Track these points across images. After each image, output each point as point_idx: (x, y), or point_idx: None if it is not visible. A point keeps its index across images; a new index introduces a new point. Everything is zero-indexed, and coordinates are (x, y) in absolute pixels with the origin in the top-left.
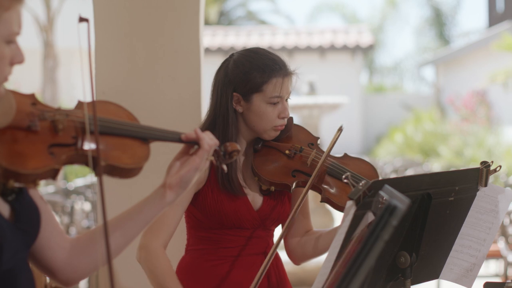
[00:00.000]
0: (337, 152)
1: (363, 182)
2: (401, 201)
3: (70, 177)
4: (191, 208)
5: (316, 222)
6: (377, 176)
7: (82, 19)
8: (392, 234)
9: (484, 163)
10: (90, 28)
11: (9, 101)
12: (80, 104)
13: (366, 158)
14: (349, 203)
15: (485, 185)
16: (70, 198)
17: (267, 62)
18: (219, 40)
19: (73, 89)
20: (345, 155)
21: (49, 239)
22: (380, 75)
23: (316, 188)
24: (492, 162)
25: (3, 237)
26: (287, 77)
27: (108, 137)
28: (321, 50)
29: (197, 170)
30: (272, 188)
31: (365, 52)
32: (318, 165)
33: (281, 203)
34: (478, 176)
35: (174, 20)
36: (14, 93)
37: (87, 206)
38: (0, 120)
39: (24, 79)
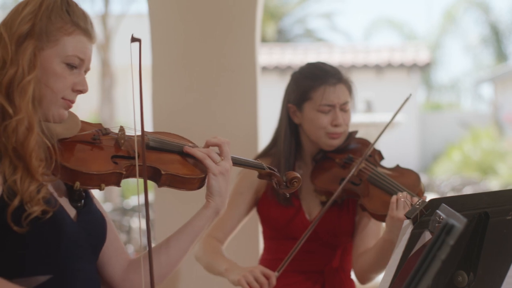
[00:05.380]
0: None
1: (419, 200)
2: (459, 220)
3: (127, 194)
4: (259, 216)
5: None
6: (419, 185)
7: (134, 39)
8: (448, 254)
9: None
10: (145, 48)
11: (74, 120)
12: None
13: (423, 176)
14: (406, 222)
15: None
16: (128, 216)
17: (317, 71)
18: (276, 58)
19: (129, 108)
20: (397, 166)
21: (110, 256)
22: (438, 92)
23: (354, 194)
24: None
25: (64, 225)
26: (335, 85)
27: (168, 154)
28: (378, 68)
29: (212, 175)
30: (323, 197)
31: (422, 70)
32: (354, 168)
33: (338, 217)
34: None
35: (230, 39)
36: (83, 121)
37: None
38: (66, 132)
39: (82, 99)
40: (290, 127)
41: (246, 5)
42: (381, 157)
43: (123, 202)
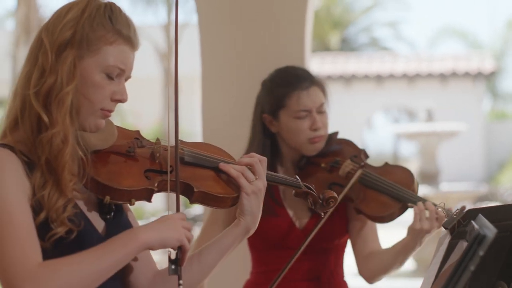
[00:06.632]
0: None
1: (457, 210)
2: (490, 230)
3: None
4: None
5: None
6: (413, 183)
7: None
8: (489, 264)
9: None
10: (195, 57)
11: (110, 129)
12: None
13: (486, 186)
14: (444, 232)
15: None
16: None
17: (288, 77)
18: (340, 67)
19: (193, 117)
20: (386, 164)
21: (134, 266)
22: (503, 101)
23: (347, 198)
24: None
25: (89, 244)
26: (309, 89)
27: (202, 169)
28: (443, 77)
29: (245, 195)
30: None
31: (487, 78)
32: (351, 181)
33: (330, 221)
34: None
35: (279, 48)
36: (120, 128)
37: None
38: (101, 143)
39: (145, 108)
40: (267, 137)
41: (295, 15)
42: (367, 156)
43: (184, 211)
